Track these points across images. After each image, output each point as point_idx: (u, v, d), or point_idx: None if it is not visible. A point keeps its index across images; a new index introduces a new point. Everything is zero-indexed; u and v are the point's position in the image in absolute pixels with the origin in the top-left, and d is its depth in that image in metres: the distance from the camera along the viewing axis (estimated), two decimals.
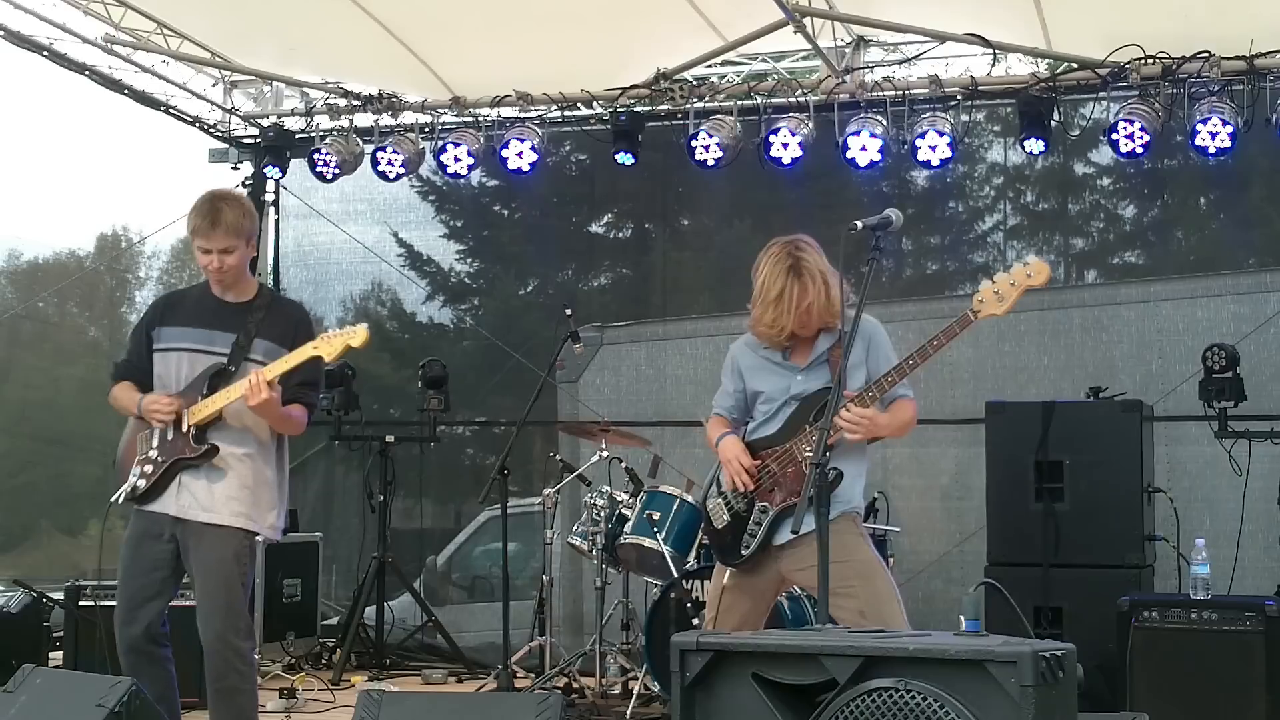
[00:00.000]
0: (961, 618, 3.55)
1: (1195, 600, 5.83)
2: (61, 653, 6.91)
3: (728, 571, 4.70)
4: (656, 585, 6.76)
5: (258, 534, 4.82)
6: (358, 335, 4.65)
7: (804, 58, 8.46)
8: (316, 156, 8.46)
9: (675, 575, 6.37)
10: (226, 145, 9.35)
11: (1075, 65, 7.50)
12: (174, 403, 4.71)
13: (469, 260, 10.06)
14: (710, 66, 8.19)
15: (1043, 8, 7.12)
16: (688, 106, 7.95)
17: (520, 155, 8.12)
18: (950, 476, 8.04)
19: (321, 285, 9.56)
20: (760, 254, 4.63)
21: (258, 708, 4.86)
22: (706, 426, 4.86)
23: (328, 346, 4.65)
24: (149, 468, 4.74)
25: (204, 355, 4.77)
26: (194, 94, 8.89)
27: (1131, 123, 7.10)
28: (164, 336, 4.86)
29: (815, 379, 4.59)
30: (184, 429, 4.70)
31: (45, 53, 8.03)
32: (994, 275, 4.39)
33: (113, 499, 4.85)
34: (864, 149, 7.49)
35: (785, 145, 7.60)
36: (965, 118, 7.90)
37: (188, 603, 4.97)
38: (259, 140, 9.09)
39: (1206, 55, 7.06)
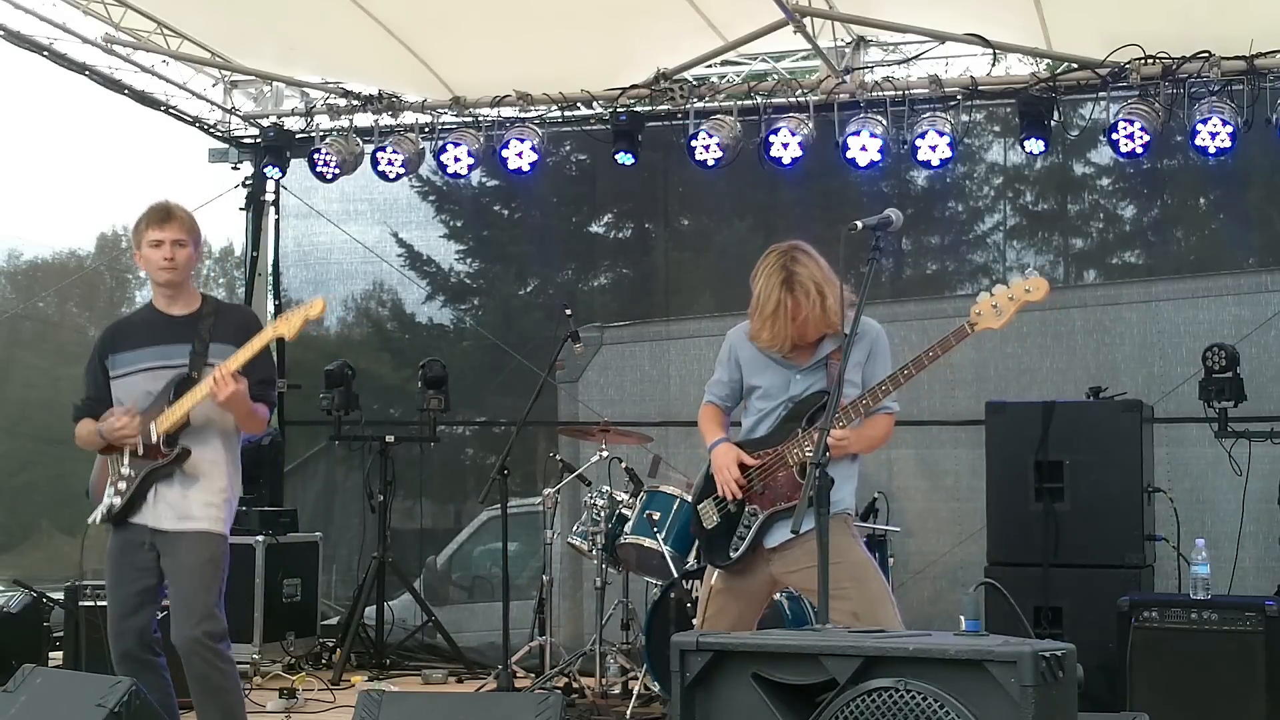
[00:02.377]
0: (961, 618, 3.55)
1: (1195, 600, 5.83)
2: (61, 653, 6.91)
3: (716, 574, 4.71)
4: (656, 585, 6.76)
5: (227, 536, 4.82)
6: (314, 307, 4.65)
7: (804, 58, 8.46)
8: (316, 156, 8.46)
9: (675, 575, 6.36)
10: (226, 145, 9.35)
11: (1075, 65, 7.49)
12: (131, 419, 4.70)
13: (469, 260, 10.05)
14: (710, 66, 8.19)
15: (1043, 8, 7.12)
16: (688, 106, 7.94)
17: (520, 155, 8.12)
18: (954, 477, 8.03)
19: (322, 285, 9.55)
20: (759, 261, 4.61)
21: (244, 703, 4.86)
22: (699, 414, 4.85)
23: (286, 325, 4.65)
24: (122, 484, 4.75)
25: (163, 370, 4.77)
26: (194, 94, 8.89)
27: (1131, 123, 7.09)
28: (118, 363, 4.85)
29: (813, 380, 4.58)
30: (153, 439, 4.70)
31: (45, 53, 8.03)
32: (992, 288, 4.35)
33: (89, 520, 4.88)
34: (864, 149, 7.49)
35: (785, 145, 7.60)
36: (965, 118, 7.90)
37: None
38: (259, 140, 9.09)
39: (1206, 55, 7.06)
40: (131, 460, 4.75)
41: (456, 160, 8.29)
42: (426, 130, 8.52)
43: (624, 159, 8.10)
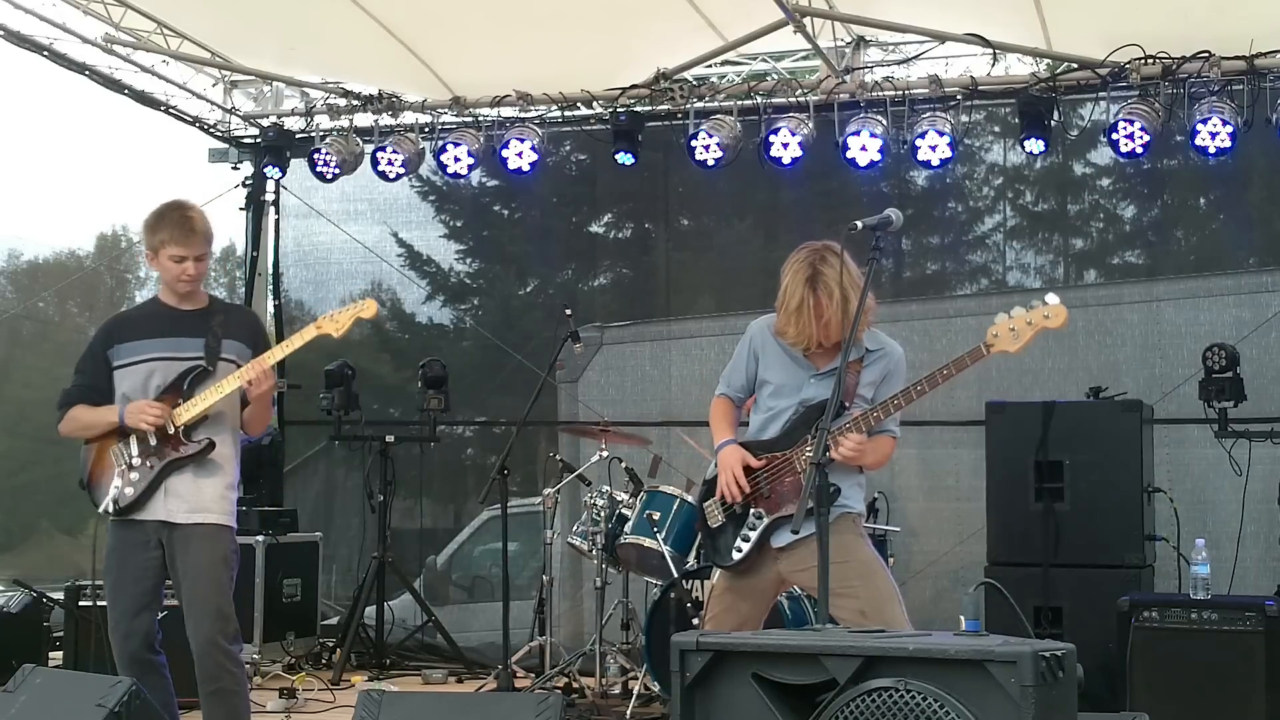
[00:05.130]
0: (962, 618, 3.55)
1: (1195, 600, 5.83)
2: (61, 653, 6.91)
3: (721, 573, 4.71)
4: (656, 585, 6.76)
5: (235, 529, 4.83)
6: (367, 308, 4.65)
7: (804, 58, 8.47)
8: (316, 156, 8.46)
9: (675, 575, 6.37)
10: (226, 145, 9.36)
11: (1075, 65, 7.49)
12: (164, 408, 4.68)
13: (469, 260, 10.05)
14: (710, 66, 8.20)
15: (1043, 8, 7.12)
16: (688, 106, 7.95)
17: (520, 155, 8.13)
18: (955, 478, 8.02)
19: (321, 285, 9.57)
20: (790, 256, 4.59)
21: (249, 708, 4.86)
22: (711, 409, 4.84)
23: (333, 324, 4.65)
24: (135, 475, 4.71)
25: (175, 361, 4.75)
26: (194, 94, 8.89)
27: (1131, 123, 7.10)
28: (124, 353, 4.80)
29: (828, 387, 4.55)
30: (170, 431, 4.68)
31: (45, 53, 8.03)
32: (1011, 310, 4.35)
33: (100, 509, 4.80)
34: (864, 149, 7.49)
35: (785, 145, 7.60)
36: (965, 118, 7.90)
37: (177, 604, 4.96)
38: (259, 140, 9.10)
39: (1206, 55, 7.06)
40: (143, 450, 4.71)
41: (456, 160, 8.30)
42: (426, 130, 8.52)
43: (624, 159, 8.11)
